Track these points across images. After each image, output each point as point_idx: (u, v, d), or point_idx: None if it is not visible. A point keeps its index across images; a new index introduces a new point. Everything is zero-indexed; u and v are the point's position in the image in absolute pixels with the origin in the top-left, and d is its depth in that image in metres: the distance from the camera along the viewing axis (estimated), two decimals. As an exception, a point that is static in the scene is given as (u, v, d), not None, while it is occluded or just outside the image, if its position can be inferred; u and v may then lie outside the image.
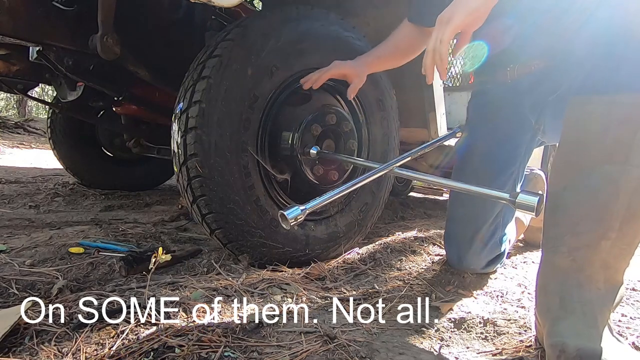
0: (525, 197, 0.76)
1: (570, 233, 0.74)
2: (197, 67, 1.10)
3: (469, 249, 1.15)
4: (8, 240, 1.28)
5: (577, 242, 0.73)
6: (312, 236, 1.26)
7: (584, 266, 0.73)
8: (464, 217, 1.17)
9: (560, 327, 0.71)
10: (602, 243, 0.71)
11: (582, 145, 0.75)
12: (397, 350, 0.76)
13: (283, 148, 1.20)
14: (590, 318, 0.70)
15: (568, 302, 0.72)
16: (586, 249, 0.72)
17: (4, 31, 1.14)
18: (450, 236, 1.21)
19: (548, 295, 0.76)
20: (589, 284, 0.72)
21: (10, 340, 0.70)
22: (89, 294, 0.88)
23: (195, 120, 1.05)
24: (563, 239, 0.75)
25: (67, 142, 2.31)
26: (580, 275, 0.73)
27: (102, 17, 1.13)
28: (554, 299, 0.74)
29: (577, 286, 0.73)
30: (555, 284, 0.75)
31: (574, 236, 0.73)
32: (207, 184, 1.07)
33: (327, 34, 1.27)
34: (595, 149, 0.73)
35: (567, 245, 0.74)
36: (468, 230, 1.15)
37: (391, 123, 1.49)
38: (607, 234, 0.71)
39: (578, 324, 0.70)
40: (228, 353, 0.70)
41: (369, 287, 1.10)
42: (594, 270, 0.73)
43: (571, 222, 0.74)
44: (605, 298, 0.73)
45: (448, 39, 0.83)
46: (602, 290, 0.73)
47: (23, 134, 6.22)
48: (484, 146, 1.15)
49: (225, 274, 1.09)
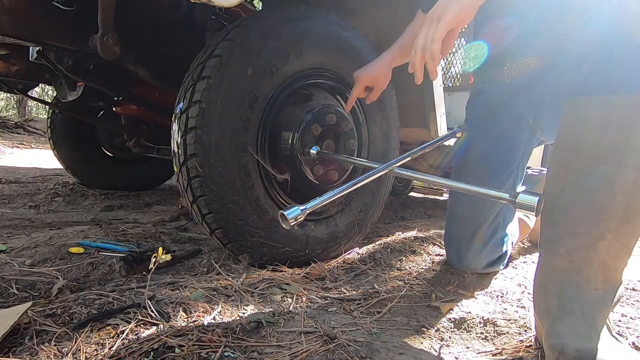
0: (525, 197, 0.75)
1: (568, 234, 0.74)
2: (197, 67, 1.10)
3: (469, 248, 1.15)
4: (8, 240, 1.28)
5: (575, 243, 0.73)
6: (312, 236, 1.26)
7: (582, 267, 0.73)
8: (464, 217, 1.17)
9: (559, 328, 0.71)
10: (599, 244, 0.71)
11: (578, 146, 0.75)
12: (397, 350, 0.76)
13: (283, 148, 1.20)
14: (590, 318, 0.70)
15: (566, 303, 0.72)
16: (584, 250, 0.73)
17: (4, 31, 1.14)
18: (450, 236, 1.21)
19: (547, 296, 0.76)
20: (588, 284, 0.73)
21: (10, 340, 0.70)
22: (89, 294, 0.88)
23: (196, 120, 1.05)
24: (561, 240, 0.75)
25: (67, 142, 2.31)
26: (579, 276, 0.73)
27: (102, 17, 1.13)
28: (552, 299, 0.74)
29: (576, 287, 0.73)
30: (554, 285, 0.75)
31: (572, 237, 0.74)
32: (207, 184, 1.07)
33: (327, 33, 1.27)
34: (592, 150, 0.73)
35: (565, 246, 0.74)
36: (468, 230, 1.15)
37: (391, 123, 1.49)
38: (604, 235, 0.71)
39: (577, 324, 0.70)
40: (228, 353, 0.70)
41: (369, 287, 1.10)
42: (592, 271, 0.73)
43: (569, 223, 0.75)
44: (604, 298, 0.73)
45: (440, 37, 0.81)
46: (600, 290, 0.73)
47: (23, 134, 6.22)
48: (481, 146, 1.15)
49: (225, 274, 1.09)
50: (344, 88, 1.35)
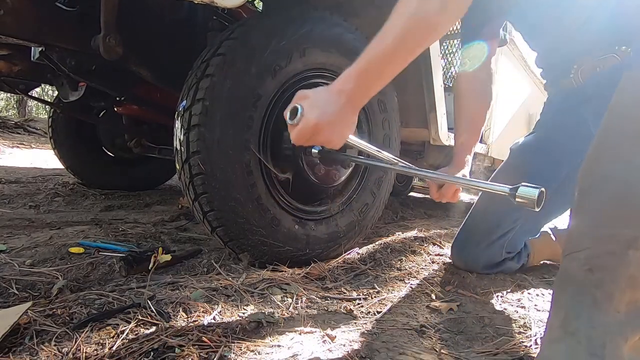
0: (525, 189, 0.71)
1: (591, 236, 0.60)
2: (201, 65, 1.10)
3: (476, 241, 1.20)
4: (8, 240, 1.28)
5: (598, 247, 0.58)
6: (312, 236, 1.27)
7: (604, 280, 0.57)
8: (483, 213, 1.22)
9: (551, 352, 0.58)
10: (629, 253, 0.56)
11: (612, 125, 0.62)
12: (397, 350, 0.76)
13: (285, 147, 1.21)
14: (596, 345, 0.55)
15: (572, 321, 0.58)
16: (608, 258, 0.57)
17: (7, 31, 1.15)
18: (463, 228, 1.26)
19: (556, 309, 0.62)
20: (608, 304, 0.57)
21: (10, 340, 0.70)
22: (89, 294, 0.88)
23: (199, 118, 1.05)
24: (582, 242, 0.61)
25: (68, 142, 2.31)
26: (598, 292, 0.57)
27: (105, 17, 1.13)
28: (559, 314, 0.60)
29: (591, 305, 0.57)
30: (566, 297, 0.61)
31: (595, 240, 0.59)
32: (209, 181, 1.07)
33: (330, 34, 1.27)
34: (626, 127, 0.59)
35: (586, 250, 0.59)
36: (482, 224, 1.20)
37: (392, 124, 1.49)
38: (638, 240, 0.56)
39: (576, 350, 0.56)
40: (228, 353, 0.70)
41: (369, 287, 1.10)
42: (617, 288, 0.57)
43: (593, 222, 0.61)
44: (623, 324, 0.57)
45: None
46: (622, 314, 0.57)
47: (23, 134, 6.22)
48: (521, 151, 1.20)
49: (225, 273, 1.09)
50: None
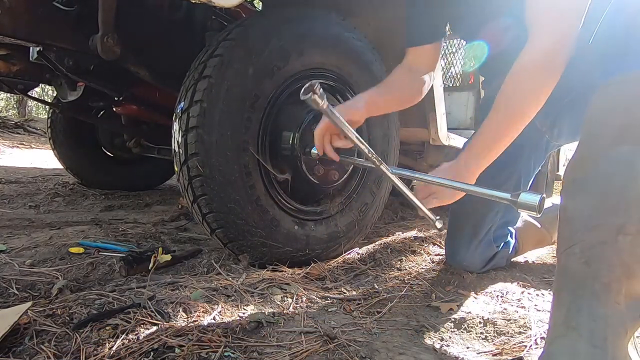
0: (526, 196, 0.73)
1: (583, 229, 0.63)
2: (198, 67, 1.10)
3: (465, 244, 1.20)
4: (8, 240, 1.28)
5: (591, 238, 0.62)
6: (312, 236, 1.26)
7: (600, 271, 0.60)
8: (464, 214, 1.21)
9: (555, 348, 0.60)
10: (619, 239, 0.60)
11: (594, 128, 0.68)
12: (397, 350, 0.76)
13: (284, 148, 1.20)
14: (598, 338, 0.58)
15: (574, 316, 0.60)
16: (601, 247, 0.61)
17: (5, 31, 1.14)
18: (449, 232, 1.26)
19: (557, 307, 0.65)
20: (607, 295, 0.60)
21: (10, 340, 0.70)
22: (89, 294, 0.88)
23: (197, 120, 1.05)
24: (575, 237, 0.64)
25: (68, 142, 2.31)
26: (596, 283, 0.60)
27: (103, 17, 1.13)
28: (561, 311, 0.63)
29: (591, 297, 0.60)
30: (566, 294, 0.64)
31: (587, 232, 0.63)
32: (208, 183, 1.07)
33: (328, 34, 1.27)
34: (607, 129, 0.65)
35: (580, 243, 0.63)
36: (466, 227, 1.19)
37: (391, 124, 1.49)
38: (626, 227, 0.59)
39: (578, 344, 0.58)
40: (228, 353, 0.70)
41: (369, 287, 1.10)
42: (614, 278, 0.60)
43: (584, 215, 0.64)
44: (624, 315, 0.60)
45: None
46: (622, 305, 0.59)
47: (23, 134, 6.22)
48: None
49: (225, 274, 1.09)
50: (345, 88, 1.35)
